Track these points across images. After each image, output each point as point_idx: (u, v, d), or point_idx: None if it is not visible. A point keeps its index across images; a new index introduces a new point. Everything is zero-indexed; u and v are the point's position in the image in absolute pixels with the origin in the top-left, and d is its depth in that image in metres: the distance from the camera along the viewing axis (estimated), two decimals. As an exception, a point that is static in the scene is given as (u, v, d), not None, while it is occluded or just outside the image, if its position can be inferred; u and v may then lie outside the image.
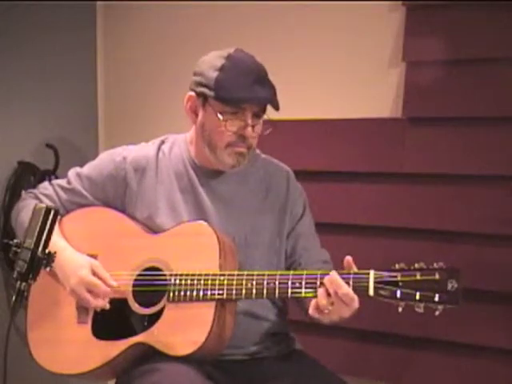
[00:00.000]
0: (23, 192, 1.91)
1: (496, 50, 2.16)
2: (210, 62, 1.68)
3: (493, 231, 2.20)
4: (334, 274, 1.50)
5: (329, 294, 1.49)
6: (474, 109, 2.21)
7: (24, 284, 1.44)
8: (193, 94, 1.71)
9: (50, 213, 1.47)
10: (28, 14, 2.63)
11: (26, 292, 1.46)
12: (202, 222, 1.69)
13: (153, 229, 1.75)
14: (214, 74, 1.65)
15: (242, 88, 1.63)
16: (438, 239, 2.27)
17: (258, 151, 1.85)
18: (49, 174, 2.67)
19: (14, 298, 1.44)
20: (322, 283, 1.51)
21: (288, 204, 1.80)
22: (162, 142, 1.84)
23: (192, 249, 1.65)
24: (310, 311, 1.55)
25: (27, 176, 2.63)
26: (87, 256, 1.74)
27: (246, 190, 1.78)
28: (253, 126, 1.67)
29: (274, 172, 1.83)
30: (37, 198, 1.84)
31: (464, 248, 2.22)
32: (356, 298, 1.49)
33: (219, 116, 1.65)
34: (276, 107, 1.67)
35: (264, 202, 1.78)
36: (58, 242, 1.69)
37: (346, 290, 1.48)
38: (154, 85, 2.87)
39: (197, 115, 1.73)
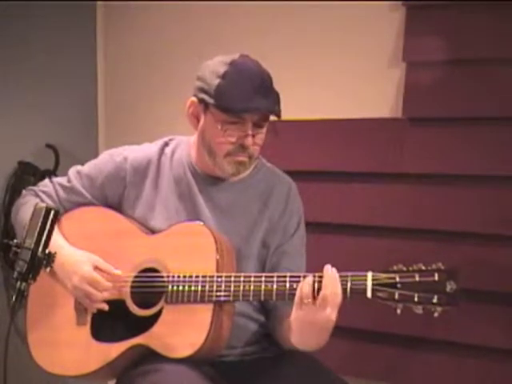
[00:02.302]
0: (23, 190, 1.91)
1: (496, 50, 2.16)
2: (213, 67, 1.64)
3: (493, 231, 2.20)
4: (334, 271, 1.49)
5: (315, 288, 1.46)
6: (474, 109, 2.21)
7: (24, 284, 1.44)
8: (195, 99, 1.69)
9: (50, 213, 1.47)
10: (28, 14, 2.63)
11: (26, 292, 1.46)
12: (198, 222, 1.68)
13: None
14: (215, 82, 1.61)
15: (243, 98, 1.59)
16: (438, 239, 2.27)
17: (263, 160, 1.83)
18: (49, 174, 2.66)
19: (13, 297, 1.44)
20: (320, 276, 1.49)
21: (283, 219, 1.76)
22: (166, 144, 1.82)
23: (189, 249, 1.64)
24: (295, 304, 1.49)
25: (27, 176, 2.63)
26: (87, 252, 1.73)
27: (244, 200, 1.76)
28: (253, 136, 1.64)
29: (275, 184, 1.79)
30: (37, 195, 1.84)
31: (464, 248, 2.22)
32: (332, 318, 1.45)
33: (218, 125, 1.63)
34: (278, 116, 1.64)
35: (261, 214, 1.75)
36: (56, 240, 1.68)
37: (333, 290, 1.45)
38: (154, 85, 2.87)
39: (198, 121, 1.70)
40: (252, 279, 1.57)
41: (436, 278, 1.44)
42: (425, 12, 2.25)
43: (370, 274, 1.48)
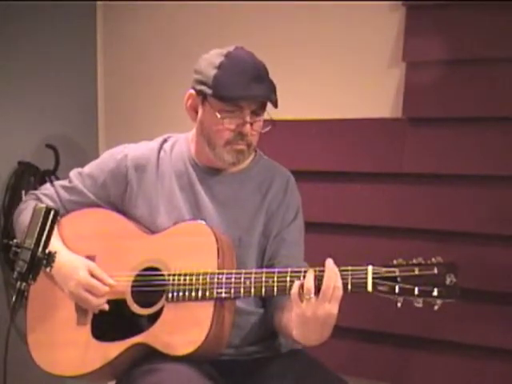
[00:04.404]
0: (23, 191, 1.91)
1: (496, 50, 2.16)
2: (210, 59, 1.68)
3: (493, 231, 2.20)
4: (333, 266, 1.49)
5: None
6: (474, 109, 2.21)
7: (24, 284, 1.44)
8: (193, 91, 1.72)
9: (50, 213, 1.47)
10: (28, 14, 2.63)
11: (26, 292, 1.46)
12: (200, 221, 1.69)
13: (152, 228, 1.75)
14: (212, 72, 1.65)
15: (240, 86, 1.62)
16: (438, 239, 2.27)
17: (261, 153, 1.85)
18: (49, 175, 2.67)
19: (13, 298, 1.44)
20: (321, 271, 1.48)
21: (281, 208, 1.77)
22: (165, 141, 1.85)
23: (190, 248, 1.65)
24: (292, 293, 1.49)
25: (27, 176, 2.63)
26: (84, 257, 1.73)
27: (244, 191, 1.77)
28: (251, 124, 1.67)
29: (274, 176, 1.81)
30: (38, 198, 1.84)
31: (464, 248, 2.22)
32: (333, 312, 1.45)
33: (217, 114, 1.66)
34: (274, 104, 1.67)
35: (260, 205, 1.77)
36: (53, 244, 1.67)
37: (334, 284, 1.44)
38: (154, 84, 2.87)
39: (197, 113, 1.73)
40: (253, 276, 1.57)
41: (435, 271, 1.45)
42: (425, 12, 2.26)
43: (370, 268, 1.48)
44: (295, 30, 2.53)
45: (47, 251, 1.47)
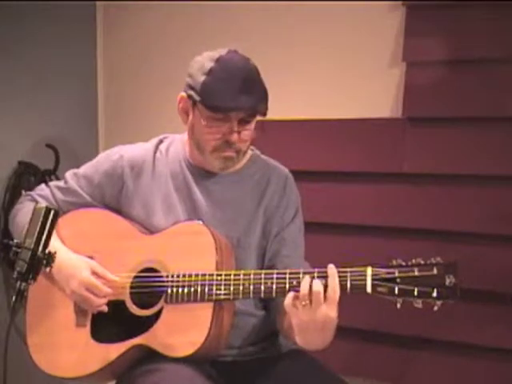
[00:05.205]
0: (23, 193, 1.90)
1: (496, 50, 2.16)
2: (201, 63, 1.65)
3: (493, 231, 2.20)
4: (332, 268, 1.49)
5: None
6: (474, 109, 2.21)
7: (24, 284, 1.44)
8: (184, 94, 1.70)
9: (50, 213, 1.47)
10: (28, 14, 2.63)
11: (26, 292, 1.46)
12: (197, 221, 1.68)
13: (149, 228, 1.74)
14: (201, 78, 1.62)
15: (228, 96, 1.59)
16: (437, 239, 2.27)
17: (257, 152, 1.85)
18: (49, 174, 2.67)
19: (13, 298, 1.44)
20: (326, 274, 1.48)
21: (280, 207, 1.76)
22: (160, 141, 1.84)
23: (188, 248, 1.64)
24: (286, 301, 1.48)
25: (27, 176, 2.63)
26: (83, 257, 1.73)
27: (241, 191, 1.76)
28: (239, 132, 1.65)
29: (271, 174, 1.79)
30: (33, 199, 1.84)
31: (464, 248, 2.22)
32: (330, 315, 1.43)
33: (203, 122, 1.64)
34: (263, 114, 1.64)
35: (258, 204, 1.76)
36: (53, 244, 1.66)
37: (320, 288, 1.43)
38: (154, 85, 2.87)
39: (188, 116, 1.72)
40: (251, 277, 1.56)
41: (435, 271, 1.44)
42: (425, 12, 2.26)
43: (369, 270, 1.48)
44: (295, 30, 2.53)
45: (47, 251, 1.47)
